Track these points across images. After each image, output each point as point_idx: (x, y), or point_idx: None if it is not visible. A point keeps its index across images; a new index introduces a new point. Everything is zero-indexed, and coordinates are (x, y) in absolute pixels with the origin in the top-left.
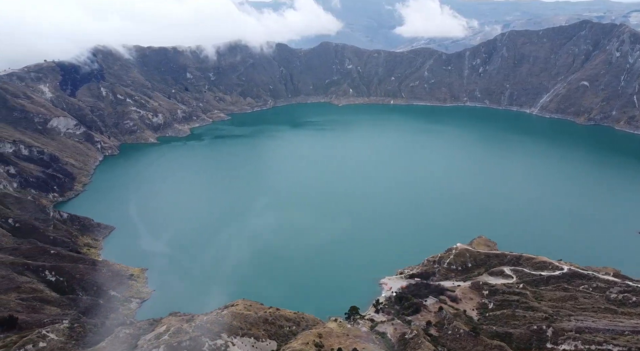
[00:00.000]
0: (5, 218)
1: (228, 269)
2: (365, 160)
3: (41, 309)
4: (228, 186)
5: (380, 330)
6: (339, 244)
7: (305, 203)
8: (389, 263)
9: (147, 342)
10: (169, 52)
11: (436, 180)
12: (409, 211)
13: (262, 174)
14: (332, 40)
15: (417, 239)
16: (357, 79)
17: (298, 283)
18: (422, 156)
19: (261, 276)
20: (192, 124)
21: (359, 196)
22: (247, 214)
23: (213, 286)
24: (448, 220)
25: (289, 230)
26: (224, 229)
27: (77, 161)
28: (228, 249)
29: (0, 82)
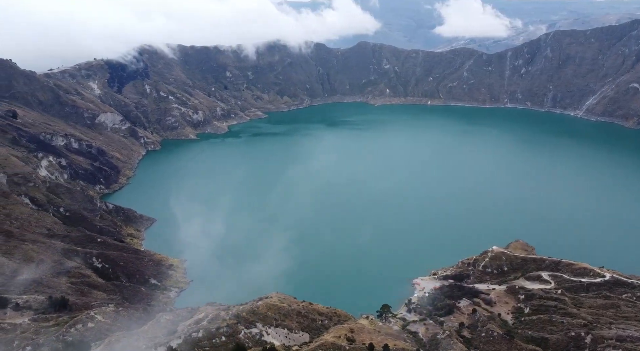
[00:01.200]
0: (57, 206)
1: (263, 263)
2: (401, 160)
3: (89, 293)
4: (264, 182)
5: (411, 329)
6: (373, 243)
7: (341, 201)
8: (423, 263)
9: (187, 327)
10: (211, 51)
11: (473, 182)
12: (444, 212)
13: (298, 172)
14: (370, 40)
15: (451, 240)
16: (394, 79)
17: (331, 279)
18: (460, 157)
19: (295, 271)
20: (230, 121)
21: (394, 195)
22: (282, 211)
23: (248, 278)
24: (484, 222)
25: (323, 227)
26: (259, 224)
27: (122, 155)
28: (263, 244)
29: (54, 79)
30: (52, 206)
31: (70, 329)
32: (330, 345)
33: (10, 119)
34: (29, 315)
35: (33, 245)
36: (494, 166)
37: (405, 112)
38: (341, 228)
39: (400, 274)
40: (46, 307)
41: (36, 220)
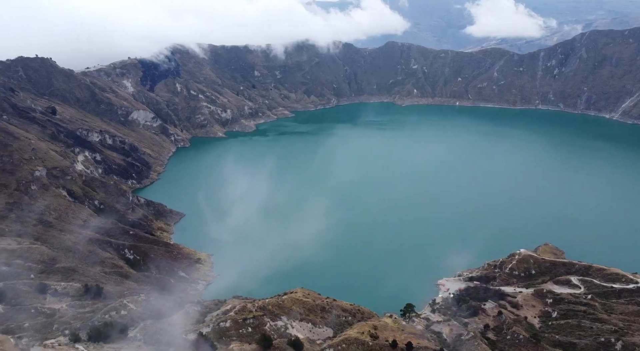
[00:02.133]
0: (92, 199)
1: (288, 259)
2: (429, 160)
3: (121, 282)
4: (291, 179)
5: (435, 329)
6: (398, 242)
7: (367, 200)
8: (448, 264)
9: (215, 317)
10: (240, 50)
11: (502, 183)
12: (471, 214)
13: (324, 170)
14: (399, 40)
15: (477, 242)
16: (422, 79)
17: (355, 277)
18: (488, 158)
19: (320, 268)
20: (258, 120)
21: (420, 196)
22: (308, 208)
23: (273, 274)
24: (512, 225)
25: (349, 225)
26: (285, 221)
27: (153, 152)
28: (289, 240)
29: (91, 77)
30: (87, 199)
31: (105, 315)
32: (354, 340)
33: (49, 115)
34: (67, 301)
35: (70, 235)
36: (523, 167)
37: (432, 113)
38: (366, 226)
39: (424, 275)
40: (82, 294)
41: (73, 212)
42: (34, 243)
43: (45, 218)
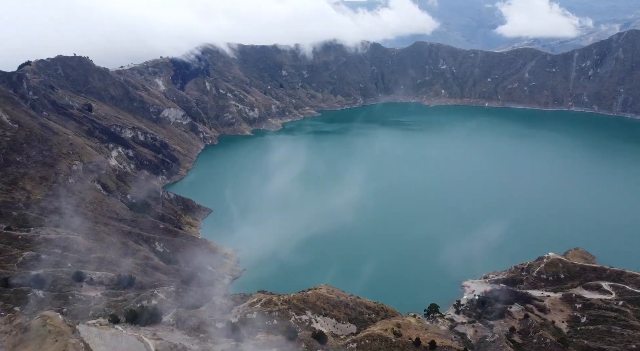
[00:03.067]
0: (125, 193)
1: (313, 256)
2: (456, 161)
3: (152, 274)
4: (317, 178)
5: (459, 331)
6: (423, 242)
7: (393, 200)
8: (474, 266)
9: (242, 308)
10: (269, 50)
11: (532, 186)
12: (499, 216)
13: (349, 169)
14: (428, 40)
15: (505, 245)
16: (451, 79)
17: (380, 275)
18: (518, 160)
19: (344, 266)
20: (285, 119)
21: (447, 196)
22: (333, 207)
23: (298, 270)
24: (541, 229)
25: (373, 224)
26: (310, 219)
27: (183, 148)
28: (314, 238)
29: (125, 75)
30: (120, 193)
31: (137, 304)
32: (377, 336)
33: (86, 111)
34: (101, 289)
35: (104, 227)
36: (555, 170)
37: (461, 114)
38: (392, 226)
39: (449, 276)
40: (115, 283)
41: (107, 205)
42: (70, 233)
43: (81, 210)
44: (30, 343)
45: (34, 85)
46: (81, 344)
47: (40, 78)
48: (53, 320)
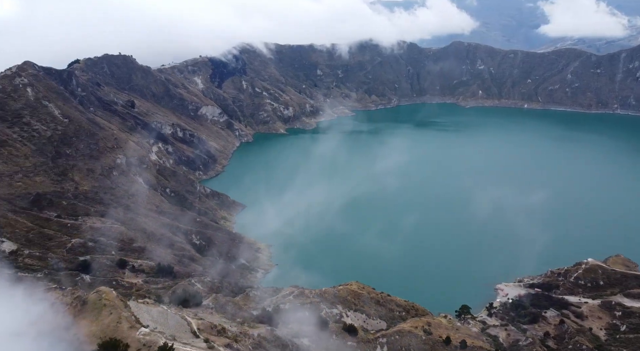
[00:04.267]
0: (164, 187)
1: (344, 254)
2: (493, 163)
3: (188, 265)
4: (350, 177)
5: (491, 333)
6: (457, 243)
7: (427, 200)
8: (508, 269)
9: (275, 299)
10: (305, 49)
11: (572, 190)
12: (537, 219)
13: (383, 169)
14: (466, 39)
15: (541, 249)
16: (488, 80)
17: (411, 275)
18: (559, 163)
19: (375, 264)
20: (319, 118)
21: (483, 198)
22: (365, 205)
23: (329, 267)
24: (580, 234)
25: (407, 224)
26: (342, 217)
27: (219, 145)
28: (345, 235)
29: (165, 74)
30: (160, 186)
31: (175, 292)
32: (407, 333)
33: (129, 108)
34: (142, 277)
35: (145, 219)
36: (598, 174)
37: (498, 115)
38: (425, 226)
39: (482, 278)
40: (155, 272)
41: (147, 198)
42: (114, 223)
43: (124, 201)
44: (89, 314)
45: (83, 82)
46: (132, 317)
47: (88, 76)
48: (108, 295)
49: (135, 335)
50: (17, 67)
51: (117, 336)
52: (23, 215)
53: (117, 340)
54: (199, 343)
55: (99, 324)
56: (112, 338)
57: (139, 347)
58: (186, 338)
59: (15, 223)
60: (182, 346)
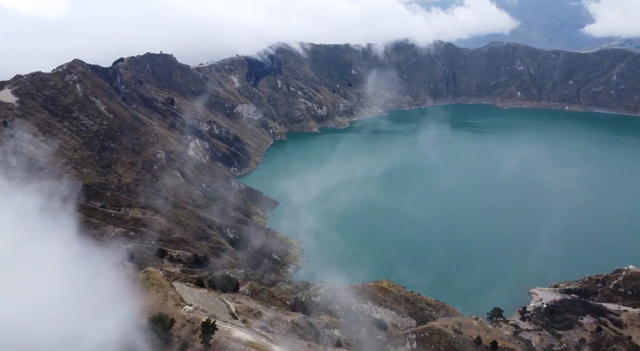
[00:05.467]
0: (200, 182)
1: (375, 252)
2: (533, 166)
3: (223, 257)
4: (382, 177)
5: (524, 337)
6: (492, 245)
7: (460, 201)
8: (543, 273)
9: (307, 292)
10: (340, 49)
11: (615, 195)
12: (575, 224)
13: (417, 169)
14: (505, 39)
15: (579, 254)
16: (528, 81)
17: (443, 275)
18: (602, 167)
19: (406, 262)
20: (352, 117)
21: (521, 201)
22: (397, 205)
23: (359, 265)
24: (621, 240)
25: (441, 224)
26: (374, 216)
27: (253, 143)
28: (377, 234)
29: (203, 72)
30: (197, 181)
31: (214, 277)
32: (437, 331)
33: (169, 105)
34: (180, 266)
35: (182, 211)
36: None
37: (537, 117)
38: (459, 227)
39: (516, 282)
40: (192, 262)
41: (185, 191)
42: (154, 214)
43: (163, 194)
44: (138, 292)
45: (126, 80)
46: (177, 296)
47: (131, 73)
48: (155, 275)
49: (180, 312)
50: (68, 65)
51: (164, 312)
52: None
53: (164, 315)
54: (237, 323)
55: (147, 300)
56: (160, 313)
57: (184, 323)
58: (225, 319)
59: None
60: (223, 324)
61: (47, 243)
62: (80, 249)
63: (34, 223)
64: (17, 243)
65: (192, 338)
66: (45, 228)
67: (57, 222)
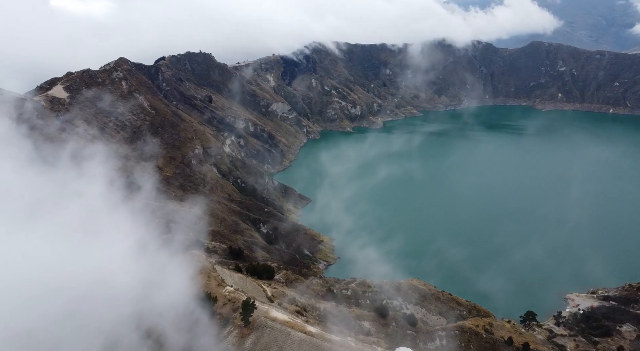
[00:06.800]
0: (235, 178)
1: (407, 251)
2: (574, 169)
3: (256, 250)
4: (415, 177)
5: (558, 342)
6: (529, 249)
7: (497, 204)
8: (580, 279)
9: (340, 286)
10: (375, 49)
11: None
12: (616, 230)
13: (451, 170)
14: (547, 39)
15: (620, 261)
16: (570, 82)
17: (476, 276)
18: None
19: (438, 262)
20: (385, 117)
21: (559, 205)
22: (430, 206)
23: (390, 263)
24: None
25: (475, 225)
26: (405, 215)
27: (287, 141)
28: (408, 233)
29: (240, 71)
30: (232, 176)
31: (252, 264)
32: (468, 329)
33: (207, 102)
34: (215, 257)
35: (218, 205)
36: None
37: (580, 120)
38: (494, 230)
39: (551, 286)
40: (227, 254)
41: (221, 186)
42: (192, 207)
43: (200, 188)
44: (184, 271)
45: (167, 77)
46: (219, 277)
47: (172, 71)
48: (199, 257)
49: (222, 292)
50: (114, 63)
51: (207, 291)
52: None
53: (208, 293)
54: (274, 306)
55: (192, 279)
56: (205, 292)
57: (225, 302)
58: (262, 301)
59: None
60: (261, 304)
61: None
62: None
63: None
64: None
65: (233, 316)
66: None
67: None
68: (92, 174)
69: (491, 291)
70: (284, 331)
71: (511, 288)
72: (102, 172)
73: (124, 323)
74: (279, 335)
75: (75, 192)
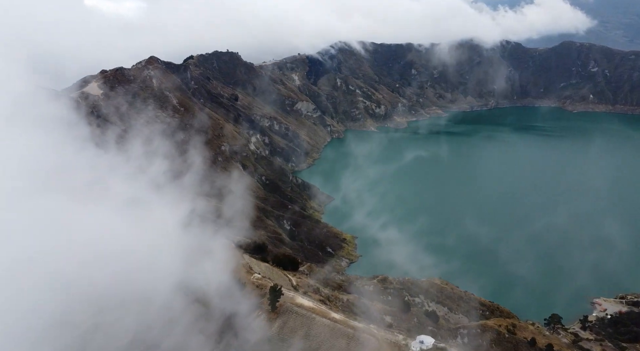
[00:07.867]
0: (260, 175)
1: (429, 250)
2: (606, 172)
3: (279, 246)
4: (439, 178)
5: (584, 346)
6: (558, 252)
7: (524, 206)
8: (608, 284)
9: (361, 282)
10: (401, 48)
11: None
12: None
13: (477, 172)
14: (580, 39)
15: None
16: (602, 83)
17: (500, 278)
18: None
19: (461, 262)
20: (410, 117)
21: (589, 208)
22: (453, 205)
23: (413, 262)
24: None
25: (499, 226)
26: (429, 215)
27: (311, 139)
28: (431, 233)
29: (266, 70)
30: (256, 174)
31: (277, 256)
32: (490, 328)
33: (233, 101)
34: (240, 251)
35: (243, 201)
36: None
37: (611, 122)
38: (520, 232)
39: (578, 290)
40: (252, 249)
41: (246, 183)
42: (218, 202)
43: (226, 184)
44: (215, 258)
45: (195, 76)
46: (248, 265)
47: (200, 70)
48: (229, 245)
49: (251, 278)
50: (145, 61)
51: (237, 277)
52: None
53: (238, 279)
54: (299, 294)
55: (224, 265)
56: (235, 278)
57: (253, 288)
58: (288, 289)
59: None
60: (287, 291)
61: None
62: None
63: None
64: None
65: (261, 301)
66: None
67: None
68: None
69: (515, 293)
70: (309, 317)
71: (537, 290)
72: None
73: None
74: (304, 320)
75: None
